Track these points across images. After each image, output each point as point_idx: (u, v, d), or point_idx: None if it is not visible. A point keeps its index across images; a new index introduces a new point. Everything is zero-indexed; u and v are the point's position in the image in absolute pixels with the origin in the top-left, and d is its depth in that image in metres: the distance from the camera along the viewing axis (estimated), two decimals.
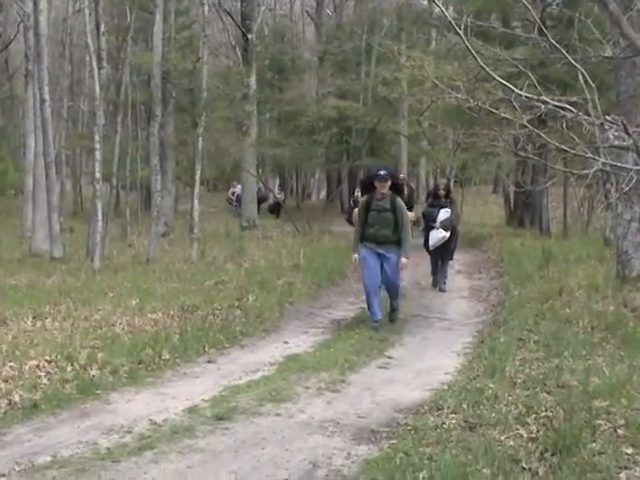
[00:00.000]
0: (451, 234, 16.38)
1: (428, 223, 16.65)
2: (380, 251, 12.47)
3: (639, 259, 14.23)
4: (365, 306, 12.91)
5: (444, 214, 16.28)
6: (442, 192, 16.75)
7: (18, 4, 28.88)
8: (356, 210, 13.37)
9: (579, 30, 10.89)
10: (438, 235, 16.26)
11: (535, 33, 8.45)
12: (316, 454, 6.49)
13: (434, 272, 16.82)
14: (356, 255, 12.69)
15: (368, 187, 12.85)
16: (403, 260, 12.49)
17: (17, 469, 6.09)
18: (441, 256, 16.57)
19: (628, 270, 14.23)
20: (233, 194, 40.10)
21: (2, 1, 40.66)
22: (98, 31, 20.54)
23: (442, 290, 16.33)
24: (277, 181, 53.54)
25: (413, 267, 17.51)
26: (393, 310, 13.05)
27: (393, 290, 12.90)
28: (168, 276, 16.52)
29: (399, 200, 12.58)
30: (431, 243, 16.43)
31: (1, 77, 46.48)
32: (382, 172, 12.56)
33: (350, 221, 14.23)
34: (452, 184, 27.93)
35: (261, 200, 36.89)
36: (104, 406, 7.93)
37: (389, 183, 12.47)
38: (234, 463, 6.26)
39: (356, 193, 17.86)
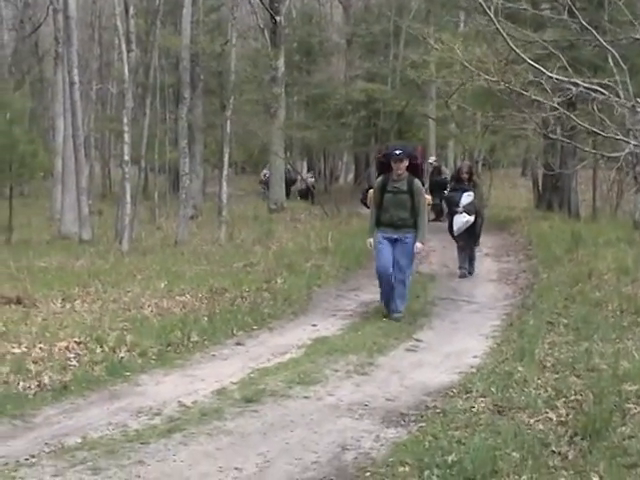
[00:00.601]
0: (475, 218, 15.96)
1: (451, 208, 16.31)
2: (396, 237, 11.84)
3: None
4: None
5: (467, 198, 15.85)
6: (465, 175, 16.28)
7: None
8: (371, 191, 12.62)
9: (610, 11, 10.80)
10: (462, 219, 15.86)
11: (565, 15, 8.38)
12: (345, 437, 6.49)
13: (461, 260, 16.18)
14: (371, 239, 12.07)
15: (384, 167, 12.14)
16: (418, 245, 11.80)
17: (47, 450, 6.12)
18: (467, 242, 16.14)
19: None
20: (265, 176, 40.05)
21: None
22: (127, 14, 20.57)
23: (470, 273, 16.17)
24: (305, 164, 53.40)
25: (441, 250, 17.51)
26: (391, 311, 11.82)
27: (399, 282, 11.78)
28: (196, 258, 16.58)
29: (417, 182, 11.90)
30: (455, 228, 16.00)
31: (31, 60, 46.63)
32: (398, 151, 11.86)
33: (364, 202, 13.67)
34: (480, 167, 27.78)
35: (290, 183, 36.79)
36: (133, 388, 7.97)
37: (406, 163, 11.78)
38: (263, 445, 6.27)
39: None
